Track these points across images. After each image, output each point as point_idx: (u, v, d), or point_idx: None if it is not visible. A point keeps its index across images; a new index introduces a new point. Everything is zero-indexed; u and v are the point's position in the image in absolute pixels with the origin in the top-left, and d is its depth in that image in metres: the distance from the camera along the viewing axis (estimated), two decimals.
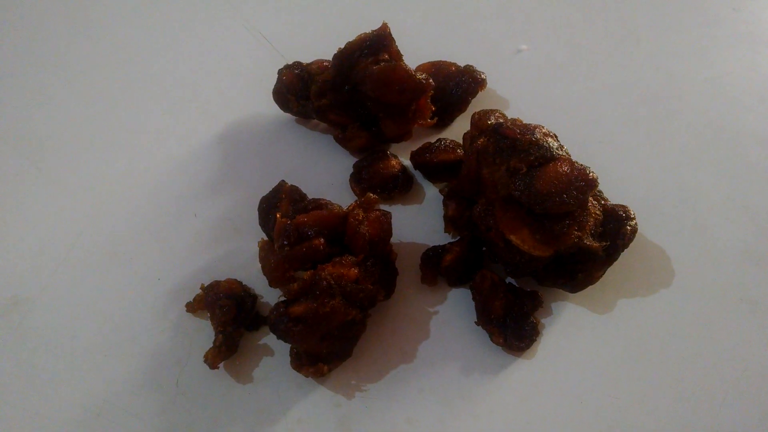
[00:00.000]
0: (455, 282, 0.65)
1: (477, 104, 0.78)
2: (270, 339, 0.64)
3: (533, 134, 0.58)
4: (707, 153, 0.74)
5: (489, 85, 0.80)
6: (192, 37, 0.94)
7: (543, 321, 0.63)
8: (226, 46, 0.92)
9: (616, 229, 0.58)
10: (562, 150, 0.58)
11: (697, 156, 0.74)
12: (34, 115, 0.86)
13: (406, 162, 0.75)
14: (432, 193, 0.74)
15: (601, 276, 0.61)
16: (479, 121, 0.64)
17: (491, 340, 0.61)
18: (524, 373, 0.60)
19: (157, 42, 0.94)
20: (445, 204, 0.69)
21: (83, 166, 0.79)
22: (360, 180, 0.73)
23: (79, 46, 0.94)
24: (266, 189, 0.69)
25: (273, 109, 0.79)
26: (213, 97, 0.86)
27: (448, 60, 0.80)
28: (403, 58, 0.69)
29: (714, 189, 0.71)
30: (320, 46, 0.76)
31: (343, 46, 0.69)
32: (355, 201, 0.62)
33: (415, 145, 0.74)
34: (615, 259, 0.59)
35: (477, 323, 0.62)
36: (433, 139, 0.75)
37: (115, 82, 0.89)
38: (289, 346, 0.59)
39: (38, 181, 0.79)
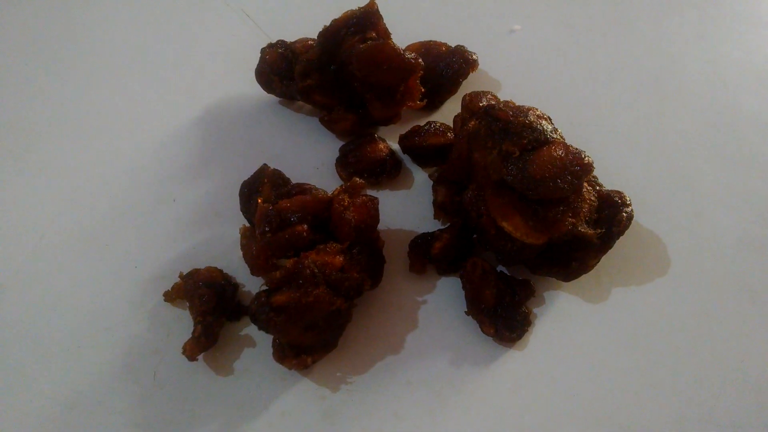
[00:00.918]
0: (445, 270, 0.65)
1: (468, 86, 0.77)
2: (251, 329, 0.63)
3: (527, 116, 0.57)
4: (705, 138, 0.74)
5: (480, 66, 0.79)
6: (171, 14, 0.93)
7: (535, 311, 0.63)
8: (206, 24, 0.91)
9: (611, 216, 0.58)
10: (556, 133, 0.58)
11: (694, 141, 0.74)
12: (6, 98, 0.84)
13: (395, 146, 0.75)
14: (421, 178, 0.73)
15: (596, 264, 0.60)
16: (470, 103, 0.63)
17: (482, 330, 0.61)
18: (516, 364, 0.60)
19: (134, 19, 0.93)
20: (434, 189, 0.68)
21: (58, 149, 0.78)
22: (346, 164, 0.72)
23: (53, 25, 0.92)
24: (248, 173, 0.67)
25: (256, 90, 0.78)
26: (193, 78, 0.85)
27: (439, 40, 0.79)
28: (392, 38, 0.69)
29: (712, 175, 0.71)
30: (305, 24, 0.75)
31: (328, 24, 0.69)
32: (341, 186, 0.61)
33: (404, 128, 0.74)
34: (610, 247, 0.59)
35: (467, 313, 0.62)
36: (422, 122, 0.74)
37: (90, 61, 0.88)
38: (272, 336, 0.59)
39: (10, 165, 0.77)
